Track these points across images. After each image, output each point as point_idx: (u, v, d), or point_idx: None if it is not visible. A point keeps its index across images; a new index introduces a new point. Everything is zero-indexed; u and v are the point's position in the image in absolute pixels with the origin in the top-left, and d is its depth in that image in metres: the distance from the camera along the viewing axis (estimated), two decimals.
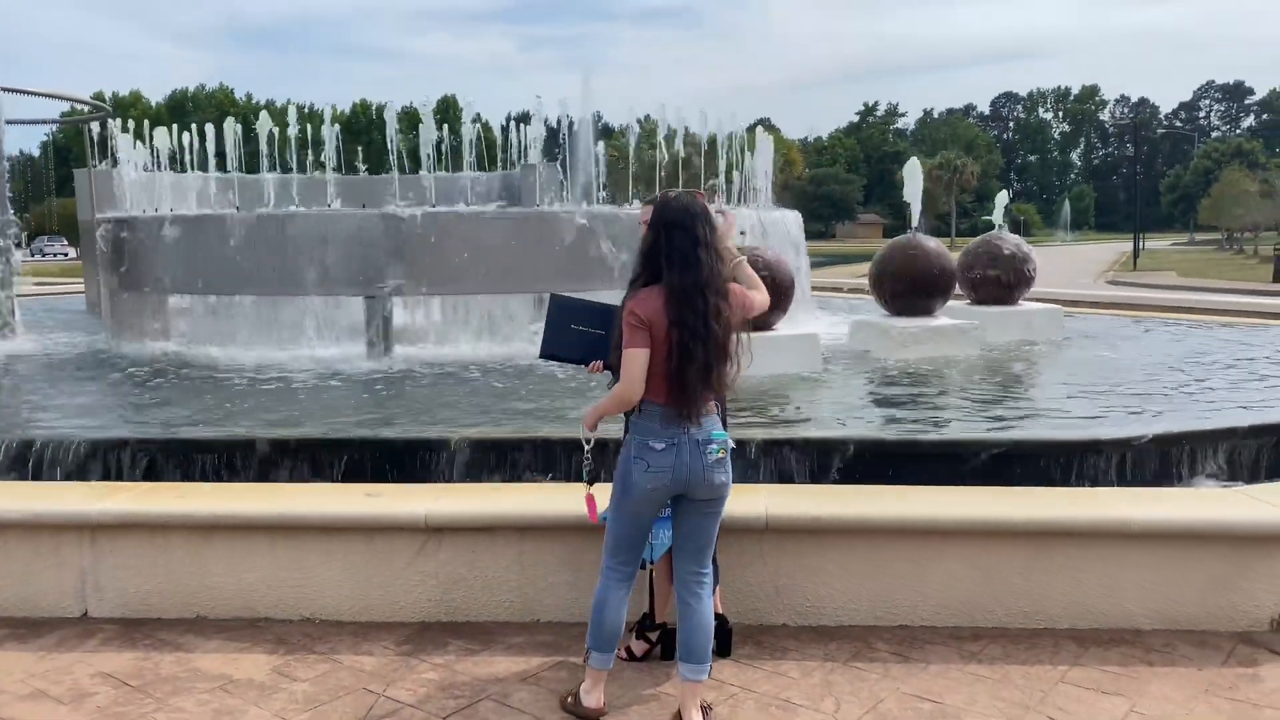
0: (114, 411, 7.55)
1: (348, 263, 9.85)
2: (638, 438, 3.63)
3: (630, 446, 3.67)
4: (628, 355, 3.53)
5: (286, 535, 4.85)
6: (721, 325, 3.53)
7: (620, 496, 3.73)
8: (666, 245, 3.56)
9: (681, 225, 3.56)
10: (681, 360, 3.49)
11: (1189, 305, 16.66)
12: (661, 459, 3.58)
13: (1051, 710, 3.92)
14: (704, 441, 3.61)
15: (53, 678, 4.29)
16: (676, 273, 3.52)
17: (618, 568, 3.81)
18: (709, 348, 3.50)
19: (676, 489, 3.64)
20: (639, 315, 3.51)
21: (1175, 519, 4.65)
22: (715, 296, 3.53)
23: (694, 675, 3.73)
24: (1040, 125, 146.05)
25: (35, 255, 61.43)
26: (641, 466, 3.61)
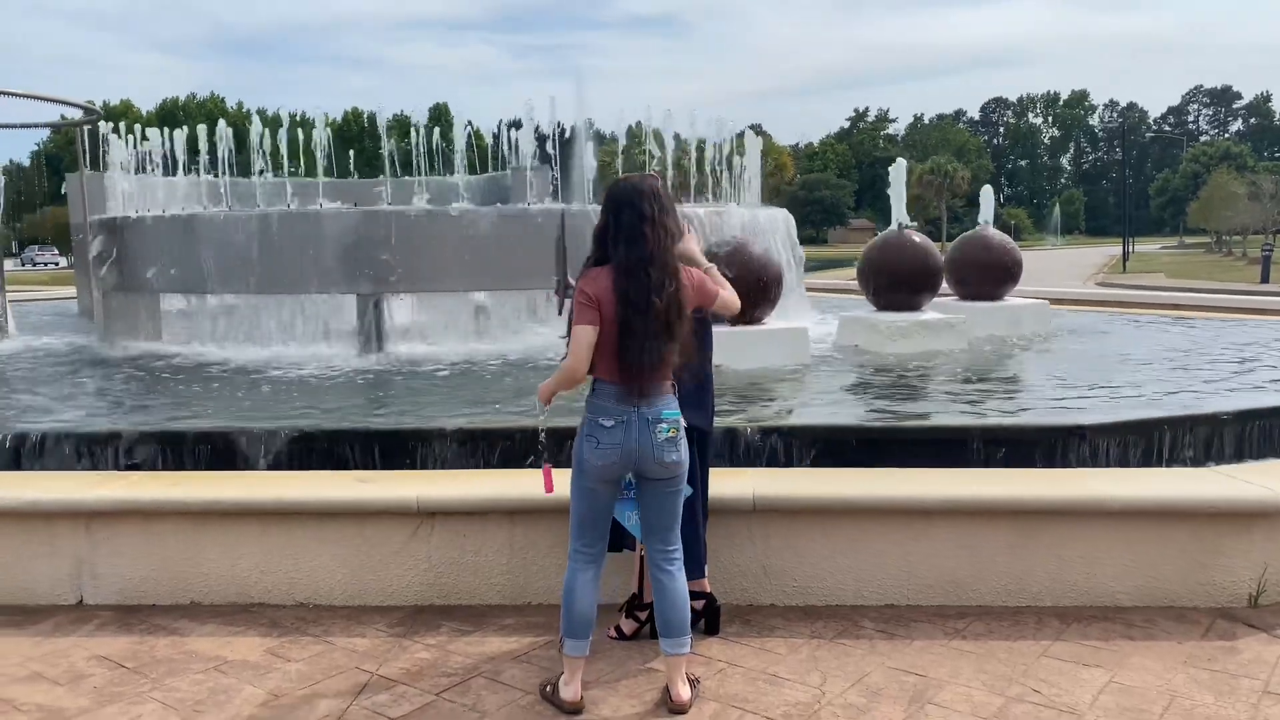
0: (105, 406, 7.59)
1: (338, 261, 9.92)
2: (589, 416, 3.69)
3: (583, 425, 3.72)
4: (575, 332, 3.58)
5: (279, 521, 4.91)
6: (665, 300, 3.53)
7: (576, 475, 3.76)
8: (614, 224, 3.61)
9: (629, 203, 3.60)
10: (625, 336, 3.54)
11: (1175, 303, 16.78)
12: (610, 436, 3.62)
13: (1034, 682, 3.99)
14: (654, 420, 3.64)
15: (50, 661, 4.34)
16: (622, 249, 3.57)
17: (583, 550, 3.82)
18: (650, 322, 3.53)
19: (627, 467, 3.68)
20: (587, 293, 3.56)
21: (1153, 497, 4.74)
22: (660, 272, 3.55)
23: (676, 649, 3.79)
24: (1030, 130, 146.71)
25: (26, 265, 61.31)
26: (592, 444, 3.65)
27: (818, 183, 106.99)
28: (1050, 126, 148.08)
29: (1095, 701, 3.82)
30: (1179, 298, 18.39)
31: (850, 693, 3.92)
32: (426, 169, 19.18)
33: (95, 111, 16.28)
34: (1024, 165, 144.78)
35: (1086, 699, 3.84)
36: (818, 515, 4.79)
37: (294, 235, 10.13)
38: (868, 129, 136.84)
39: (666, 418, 3.67)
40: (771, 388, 7.72)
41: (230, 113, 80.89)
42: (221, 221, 10.56)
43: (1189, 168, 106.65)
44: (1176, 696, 3.86)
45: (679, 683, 3.78)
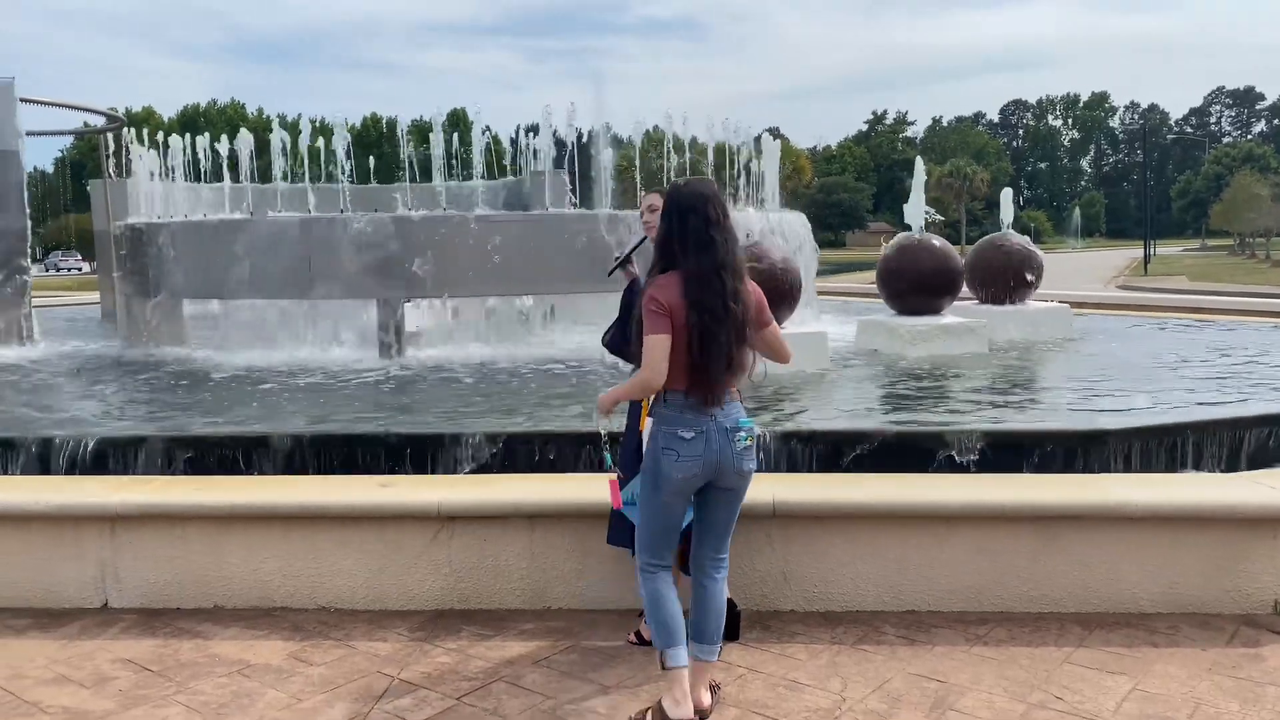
0: (129, 411, 7.66)
1: (359, 266, 9.98)
2: (665, 428, 3.56)
3: (657, 438, 3.58)
4: (649, 342, 3.46)
5: (302, 526, 4.94)
6: (740, 307, 3.50)
7: (651, 490, 3.62)
8: (680, 230, 3.53)
9: (693, 209, 3.53)
10: (703, 344, 3.45)
11: (1198, 306, 16.65)
12: (691, 448, 3.52)
13: (1056, 689, 3.97)
14: (731, 429, 3.56)
15: (75, 664, 4.39)
16: (692, 257, 3.49)
17: (658, 563, 3.71)
18: (728, 330, 3.47)
19: (707, 477, 3.58)
20: (659, 301, 3.46)
21: (1177, 502, 4.70)
22: (732, 279, 3.49)
23: (705, 655, 3.76)
24: (1050, 132, 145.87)
25: (50, 270, 61.89)
26: (671, 457, 3.53)
27: (836, 186, 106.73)
28: (1070, 128, 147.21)
29: (1119, 709, 3.79)
30: (1202, 301, 18.24)
31: (871, 699, 3.91)
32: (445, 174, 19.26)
33: (118, 118, 16.46)
34: (1044, 168, 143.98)
35: (1110, 706, 3.82)
36: (838, 521, 4.78)
37: (314, 241, 10.19)
38: (886, 132, 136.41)
39: (744, 426, 3.60)
40: (791, 392, 7.70)
41: (251, 118, 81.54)
42: (242, 227, 10.64)
43: (1211, 169, 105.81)
44: (1201, 704, 3.83)
45: (701, 688, 3.76)
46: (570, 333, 11.21)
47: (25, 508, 5.04)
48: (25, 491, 5.24)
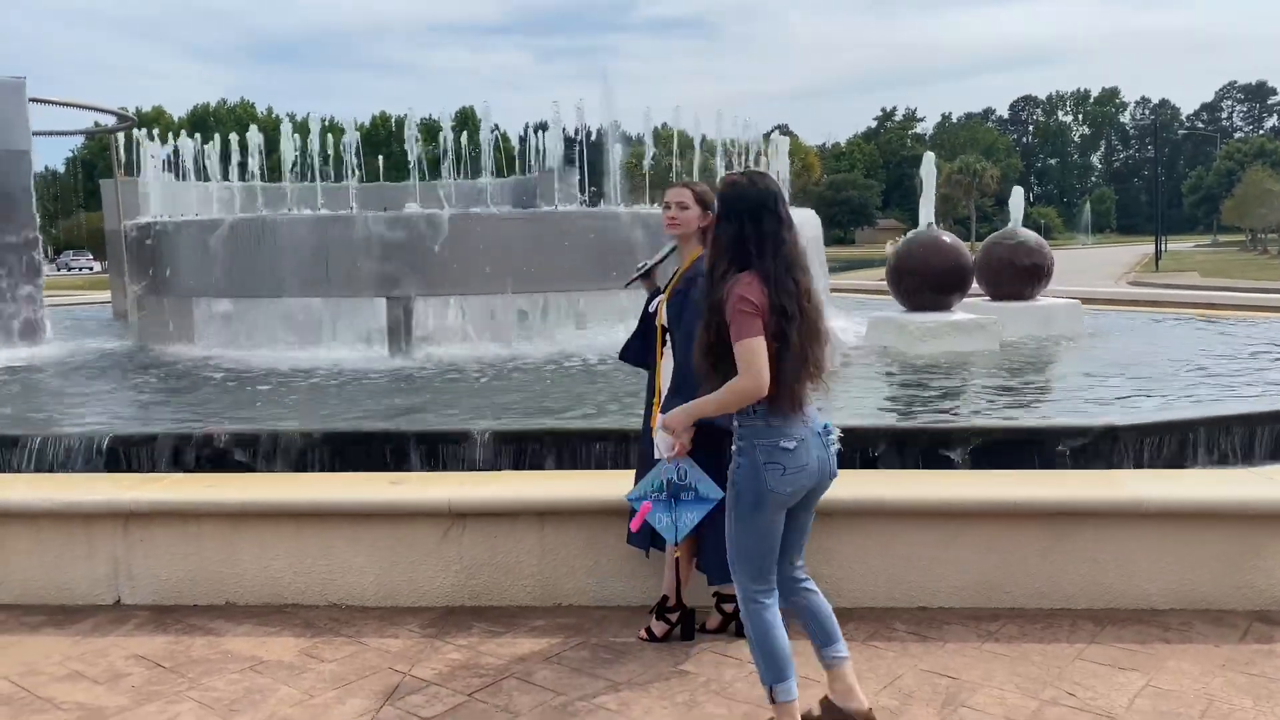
0: (140, 409, 7.70)
1: (368, 264, 10.00)
2: (763, 441, 3.33)
3: (753, 453, 3.34)
4: (749, 345, 3.22)
5: (313, 523, 4.96)
6: (813, 306, 3.38)
7: (751, 512, 3.38)
8: (755, 230, 3.35)
9: (765, 206, 3.38)
10: (789, 347, 3.28)
11: (1210, 302, 16.57)
12: (796, 459, 3.33)
13: (1068, 685, 3.96)
14: (824, 433, 3.43)
15: (89, 660, 4.41)
16: (769, 258, 3.32)
17: (764, 588, 3.47)
18: (804, 331, 3.33)
19: (809, 487, 3.42)
20: (752, 301, 3.25)
21: (1190, 498, 4.68)
22: (804, 277, 3.37)
23: (843, 652, 3.62)
24: (1060, 128, 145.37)
25: (61, 270, 62.16)
26: (777, 471, 3.31)
27: (845, 183, 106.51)
28: (1080, 124, 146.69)
29: (1131, 705, 3.78)
30: (1213, 297, 18.16)
31: (882, 695, 3.90)
32: (454, 172, 19.30)
33: (129, 118, 16.53)
34: (1054, 164, 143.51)
35: (1123, 702, 3.80)
36: (848, 517, 4.77)
37: (324, 239, 10.21)
38: (895, 129, 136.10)
39: (831, 428, 3.49)
40: None
41: (260, 118, 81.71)
42: (252, 225, 10.67)
43: (1223, 165, 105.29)
44: (1214, 700, 3.81)
45: (858, 690, 3.58)
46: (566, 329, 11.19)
47: (38, 505, 5.07)
48: (38, 489, 5.26)
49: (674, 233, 4.36)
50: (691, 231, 4.34)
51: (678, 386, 4.16)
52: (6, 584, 5.10)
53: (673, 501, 4.14)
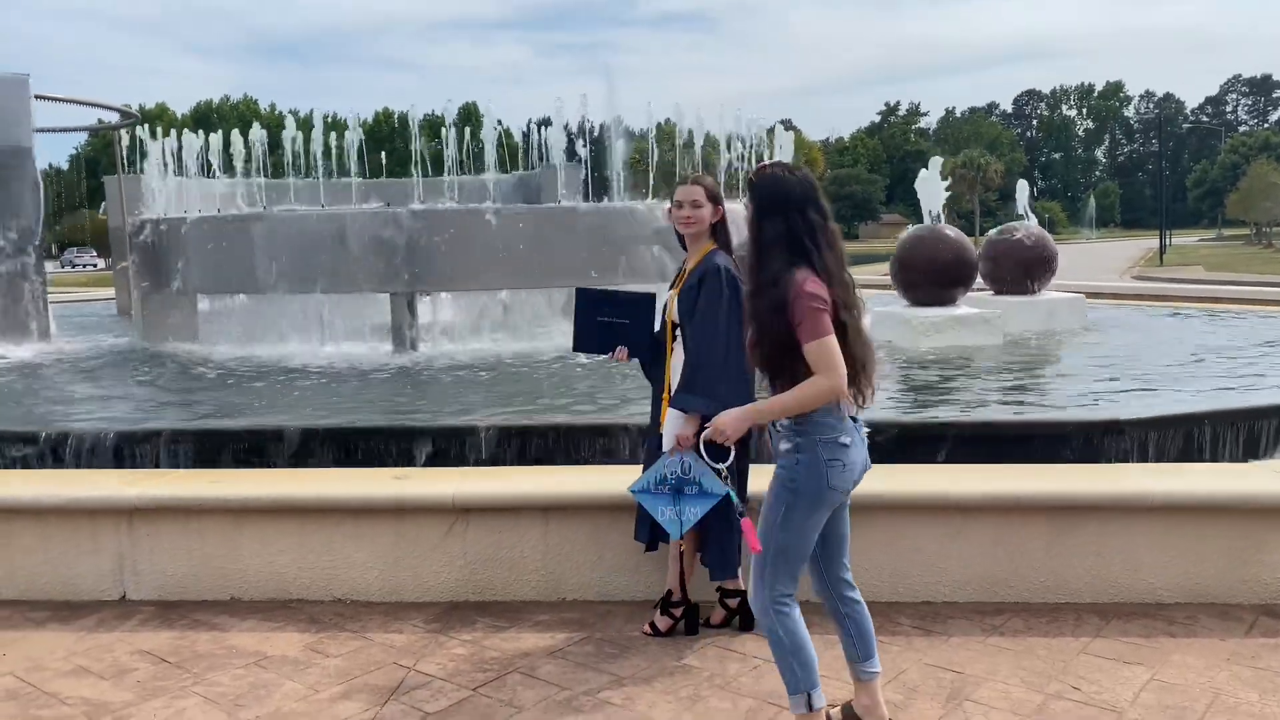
0: (145, 405, 7.71)
1: (371, 260, 10.00)
2: (824, 437, 3.22)
3: (815, 450, 3.22)
4: (825, 345, 3.12)
5: (317, 518, 4.96)
6: (860, 300, 3.32)
7: (810, 511, 3.28)
8: (804, 224, 3.23)
9: (814, 200, 3.28)
10: (850, 342, 3.22)
11: (1215, 296, 16.54)
12: (853, 454, 3.27)
13: (1073, 679, 3.95)
14: (862, 425, 3.37)
15: (94, 655, 4.42)
16: (826, 252, 3.22)
17: (790, 593, 3.35)
18: (860, 326, 3.28)
19: (858, 482, 3.36)
20: (823, 298, 3.15)
21: (1196, 492, 4.67)
22: (851, 273, 3.33)
23: (876, 667, 3.55)
24: (1064, 123, 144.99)
25: (65, 267, 62.25)
26: (838, 468, 3.23)
27: (848, 178, 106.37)
28: (1084, 119, 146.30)
29: (1136, 699, 3.78)
30: (1218, 291, 18.13)
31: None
32: (457, 168, 19.30)
33: (132, 115, 16.53)
34: (1058, 158, 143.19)
35: (1128, 696, 3.80)
36: (854, 511, 4.74)
37: (328, 235, 10.22)
38: (899, 123, 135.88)
39: (862, 422, 3.41)
40: None
41: (263, 115, 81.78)
42: (255, 222, 10.68)
43: (1227, 158, 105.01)
44: (1220, 694, 3.81)
45: (883, 706, 3.54)
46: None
47: (44, 501, 5.08)
48: (44, 485, 5.28)
49: (689, 231, 4.34)
50: (704, 229, 4.34)
51: (689, 381, 4.16)
52: (12, 580, 5.11)
53: (676, 495, 4.14)
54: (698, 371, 4.15)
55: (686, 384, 4.16)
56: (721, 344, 4.14)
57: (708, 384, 4.12)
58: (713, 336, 4.15)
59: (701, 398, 4.10)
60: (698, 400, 4.11)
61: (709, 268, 4.24)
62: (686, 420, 4.15)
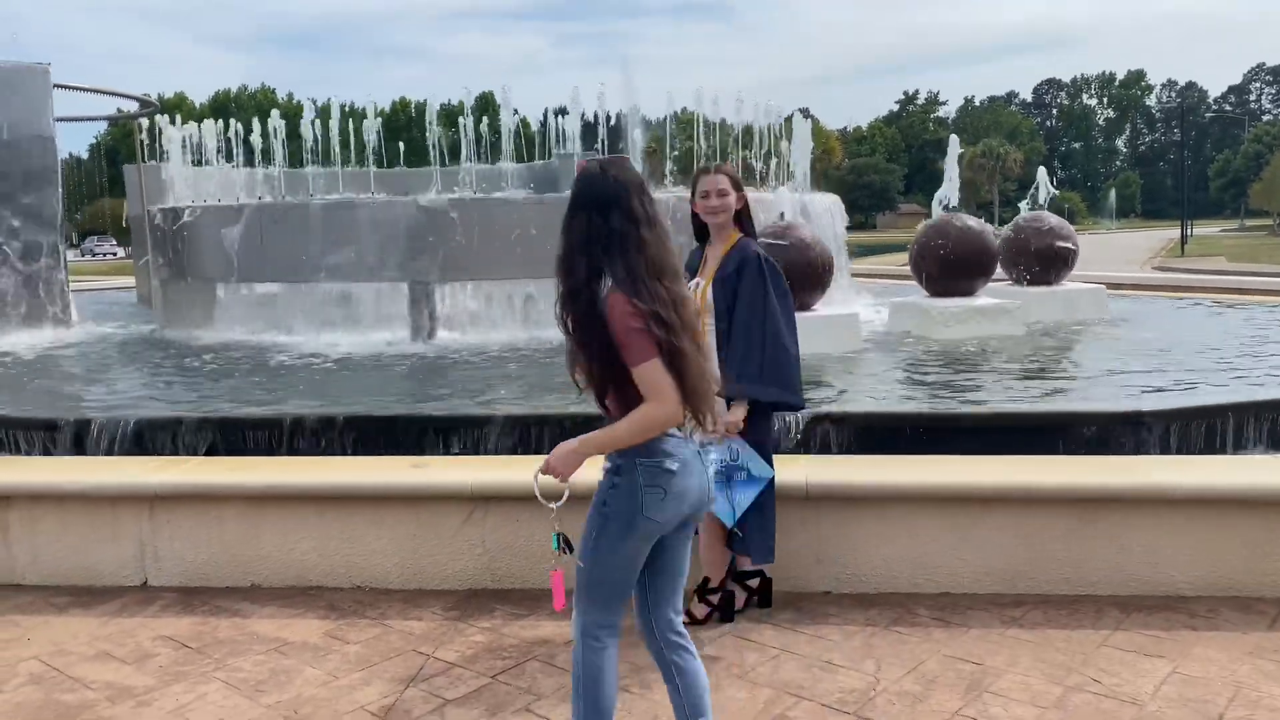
0: (166, 393, 7.75)
1: (390, 249, 10.02)
2: (645, 461, 2.88)
3: (633, 473, 2.89)
4: (651, 369, 2.78)
5: (336, 506, 4.98)
6: (689, 313, 2.92)
7: (620, 539, 2.93)
8: (606, 230, 2.86)
9: (617, 203, 2.87)
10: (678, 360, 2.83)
11: (1238, 287, 16.38)
12: (679, 482, 2.90)
13: (1093, 672, 3.93)
14: (703, 450, 3.05)
15: (116, 640, 4.46)
16: (629, 260, 2.84)
17: (613, 625, 3.05)
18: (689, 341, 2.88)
19: (686, 516, 2.99)
20: (641, 316, 2.78)
21: (1218, 485, 4.64)
22: (674, 282, 2.89)
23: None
24: (1084, 112, 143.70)
25: (85, 255, 62.66)
26: (658, 496, 2.88)
27: (866, 167, 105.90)
28: (1105, 108, 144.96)
29: (1157, 692, 3.76)
30: (1241, 282, 17.95)
31: (906, 680, 3.89)
32: (474, 157, 19.33)
33: (151, 104, 16.60)
34: (1078, 148, 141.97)
35: (1148, 689, 3.78)
36: (871, 502, 4.75)
37: (347, 224, 10.24)
38: (917, 112, 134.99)
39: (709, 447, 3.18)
40: (823, 374, 7.66)
41: (281, 104, 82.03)
42: (273, 210, 10.71)
43: (1250, 148, 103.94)
44: (1242, 688, 3.78)
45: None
46: None
47: (66, 488, 5.12)
48: (66, 472, 5.33)
49: (717, 221, 4.35)
50: (730, 217, 4.35)
51: (744, 370, 4.18)
52: (35, 565, 5.16)
53: (727, 483, 4.18)
54: (756, 360, 4.17)
55: (741, 372, 4.18)
56: (775, 330, 4.17)
57: (774, 370, 4.16)
58: (767, 323, 4.19)
59: (772, 386, 4.18)
60: (768, 388, 4.18)
61: (746, 256, 4.26)
62: (733, 408, 4.17)
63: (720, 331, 4.27)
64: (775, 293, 4.23)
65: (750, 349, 4.18)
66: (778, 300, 4.23)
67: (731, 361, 4.21)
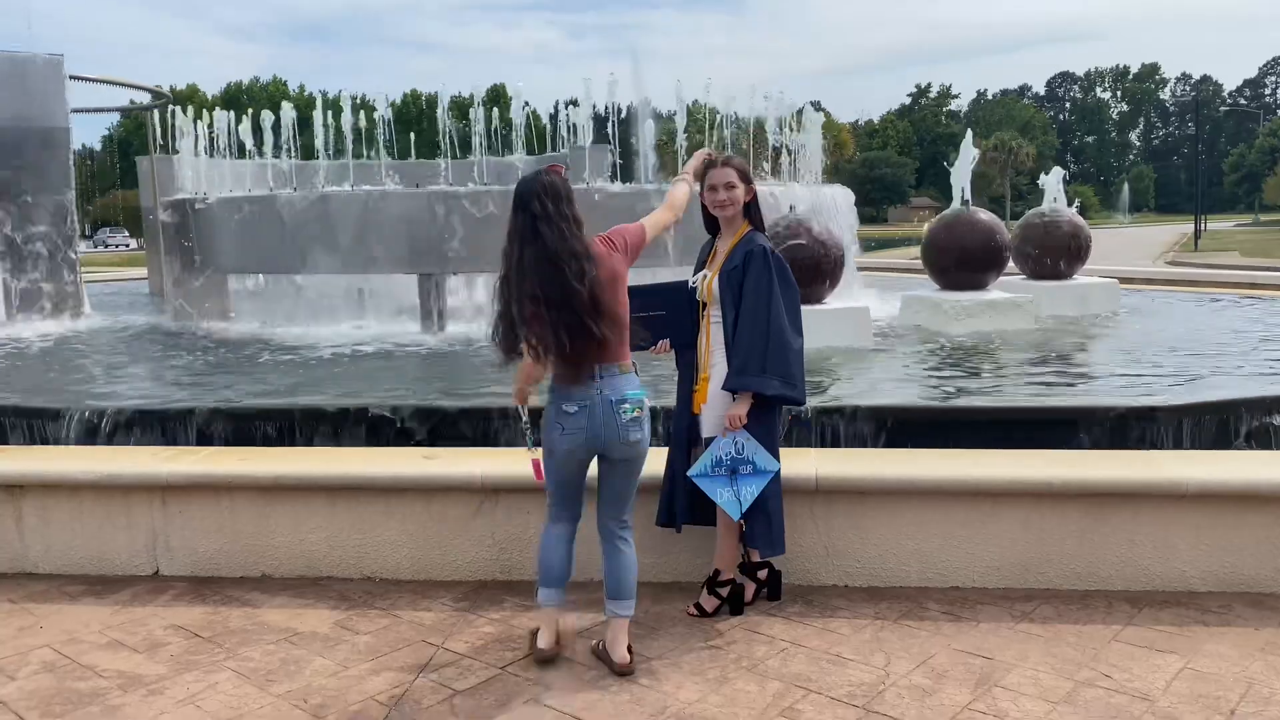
0: (179, 383, 7.78)
1: (400, 241, 10.03)
2: (554, 403, 3.83)
3: (549, 410, 3.85)
4: None
5: (347, 496, 5.00)
6: (586, 286, 3.60)
7: (546, 458, 3.93)
8: (511, 224, 3.71)
9: (520, 203, 3.69)
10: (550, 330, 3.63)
11: (1252, 282, 16.27)
12: (575, 423, 3.78)
13: (1104, 667, 3.92)
14: (618, 401, 3.78)
15: (128, 629, 4.48)
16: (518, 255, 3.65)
17: (556, 516, 4.03)
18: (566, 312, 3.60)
19: (594, 448, 3.83)
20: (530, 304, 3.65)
21: (1231, 480, 4.60)
22: (573, 261, 3.60)
23: (619, 610, 3.95)
24: (1098, 105, 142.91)
25: (98, 246, 62.91)
26: (557, 431, 3.81)
27: (878, 160, 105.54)
28: (1119, 101, 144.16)
29: (1169, 687, 3.74)
30: (1255, 277, 17.82)
31: (915, 674, 3.88)
32: (485, 149, 19.32)
33: (164, 95, 16.64)
34: (1091, 141, 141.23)
35: (1160, 684, 3.76)
36: (881, 496, 4.74)
37: (356, 216, 10.25)
38: (930, 105, 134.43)
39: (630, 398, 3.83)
40: (833, 368, 7.65)
41: (293, 96, 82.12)
42: (285, 202, 10.73)
43: (1266, 142, 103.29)
44: (1254, 684, 3.76)
45: (621, 646, 3.92)
46: None
47: (79, 477, 5.15)
48: (78, 461, 5.35)
49: (726, 214, 4.35)
50: (739, 210, 4.34)
51: (748, 362, 4.17)
52: (48, 554, 5.19)
53: (733, 476, 4.18)
54: (761, 352, 4.15)
55: (744, 365, 4.17)
56: (780, 325, 4.17)
57: (778, 364, 4.15)
58: (772, 318, 4.17)
59: (775, 378, 4.16)
60: (771, 381, 4.16)
61: (754, 249, 4.25)
62: (737, 401, 4.16)
63: (725, 324, 4.26)
64: (781, 286, 4.21)
65: (754, 342, 4.16)
66: (783, 294, 4.21)
67: (735, 354, 4.20)
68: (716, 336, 4.30)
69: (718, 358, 4.29)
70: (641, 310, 4.28)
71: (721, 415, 4.23)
